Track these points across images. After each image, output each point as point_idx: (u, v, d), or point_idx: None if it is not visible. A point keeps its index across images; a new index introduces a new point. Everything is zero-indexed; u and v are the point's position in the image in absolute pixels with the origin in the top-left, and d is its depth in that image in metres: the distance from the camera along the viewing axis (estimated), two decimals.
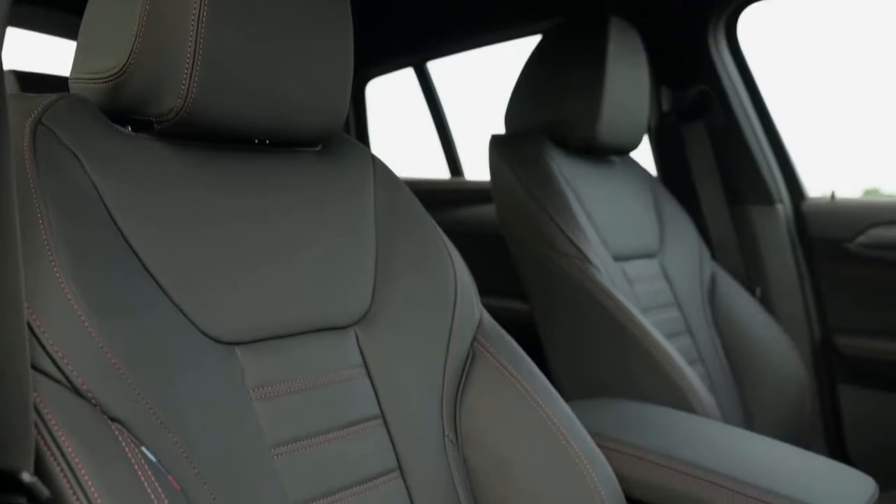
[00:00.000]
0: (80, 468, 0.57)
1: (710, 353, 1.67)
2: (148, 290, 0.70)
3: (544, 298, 1.58)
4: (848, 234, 1.80)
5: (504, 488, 0.88)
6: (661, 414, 1.22)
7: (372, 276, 0.89)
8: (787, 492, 0.94)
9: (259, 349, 0.76)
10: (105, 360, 0.63)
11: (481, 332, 0.96)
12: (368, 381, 0.85)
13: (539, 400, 0.92)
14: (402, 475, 0.83)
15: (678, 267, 1.73)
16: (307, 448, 0.76)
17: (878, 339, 1.79)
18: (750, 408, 1.70)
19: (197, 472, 0.66)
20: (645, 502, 1.02)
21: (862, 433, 1.85)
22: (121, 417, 0.62)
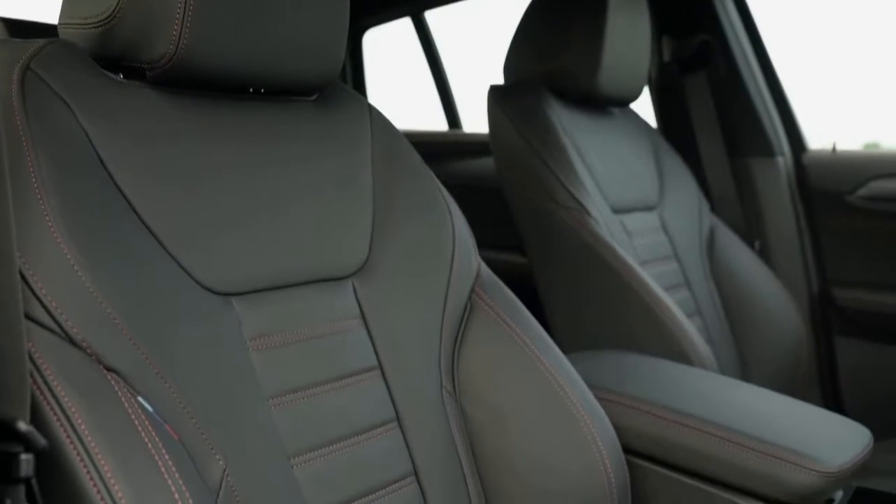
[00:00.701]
0: (77, 418, 0.57)
1: (707, 305, 1.68)
2: (142, 239, 0.69)
3: (543, 251, 1.57)
4: (848, 186, 1.79)
5: (501, 438, 0.88)
6: (659, 365, 1.22)
7: (369, 228, 0.89)
8: (783, 441, 0.94)
9: (256, 300, 0.76)
10: (99, 309, 0.63)
11: (479, 284, 0.95)
12: (366, 332, 0.84)
13: (536, 351, 0.92)
14: (399, 426, 0.83)
15: (677, 220, 1.72)
16: (305, 399, 0.76)
17: (875, 292, 1.80)
18: (746, 360, 1.70)
19: (194, 422, 0.65)
20: (642, 453, 1.03)
21: (857, 385, 1.86)
22: (117, 367, 0.62)
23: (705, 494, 0.97)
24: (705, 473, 0.97)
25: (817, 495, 0.92)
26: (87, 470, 0.56)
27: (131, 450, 0.57)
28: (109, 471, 0.56)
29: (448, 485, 0.84)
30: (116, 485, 0.55)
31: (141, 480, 0.56)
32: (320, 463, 0.74)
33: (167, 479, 0.57)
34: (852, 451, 0.96)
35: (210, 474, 0.65)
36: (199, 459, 0.64)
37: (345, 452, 0.77)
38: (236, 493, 0.66)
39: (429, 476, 0.82)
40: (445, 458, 0.85)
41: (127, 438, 0.58)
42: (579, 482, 0.87)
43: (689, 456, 0.98)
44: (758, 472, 0.93)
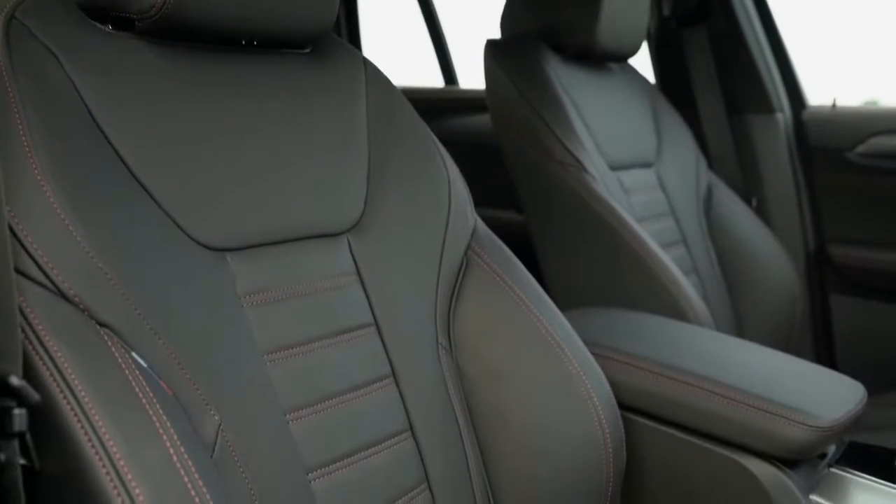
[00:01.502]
0: (70, 373, 0.57)
1: (704, 263, 1.68)
2: (134, 194, 0.68)
3: (539, 208, 1.56)
4: (848, 143, 1.78)
5: (497, 395, 0.89)
6: (655, 322, 1.22)
7: (364, 183, 0.88)
8: (778, 397, 0.95)
9: (250, 256, 0.75)
10: (91, 264, 0.62)
11: (475, 241, 0.95)
12: (361, 288, 0.84)
13: (533, 308, 0.92)
14: (395, 382, 0.83)
15: (675, 177, 1.72)
16: (300, 355, 0.75)
17: (871, 250, 1.80)
18: (742, 317, 1.71)
19: (189, 378, 0.65)
20: (638, 409, 1.03)
21: (851, 342, 1.87)
22: (109, 323, 0.62)
23: (700, 449, 0.98)
24: (700, 429, 0.98)
25: (811, 450, 0.93)
26: (80, 425, 0.55)
27: (125, 405, 0.57)
28: (103, 426, 0.55)
29: (443, 440, 0.84)
30: (111, 439, 0.55)
31: (135, 435, 0.56)
32: (316, 419, 0.74)
33: (161, 434, 0.57)
34: (846, 406, 0.96)
35: (205, 429, 0.65)
36: (194, 415, 0.64)
37: (340, 408, 0.77)
38: (232, 447, 0.66)
39: (424, 432, 0.83)
40: (441, 414, 0.85)
41: (121, 393, 0.58)
42: (575, 437, 0.87)
43: (684, 412, 0.99)
44: (752, 428, 0.93)
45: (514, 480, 0.88)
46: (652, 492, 1.03)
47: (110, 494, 0.54)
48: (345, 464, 0.75)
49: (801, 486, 0.92)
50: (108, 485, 0.54)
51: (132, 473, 0.54)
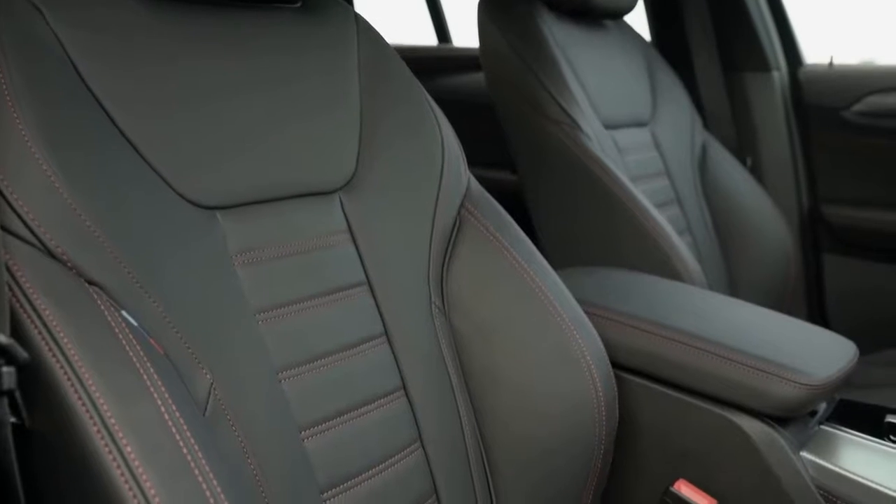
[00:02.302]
0: (59, 331, 0.56)
1: (698, 223, 1.67)
2: (122, 152, 0.67)
3: (533, 167, 1.56)
4: (844, 101, 1.77)
5: (491, 354, 0.89)
6: (648, 281, 1.22)
7: (356, 140, 0.87)
8: (770, 355, 0.95)
9: (241, 214, 0.74)
10: (79, 222, 0.61)
11: (469, 199, 0.94)
12: (353, 247, 0.83)
13: (526, 266, 0.91)
14: (388, 341, 0.82)
15: (669, 136, 1.71)
16: (292, 314, 0.75)
17: (865, 209, 1.80)
18: (735, 276, 1.71)
19: (180, 336, 0.65)
20: (631, 368, 1.03)
21: (843, 302, 1.88)
22: (98, 281, 0.61)
23: (692, 407, 0.98)
24: (692, 387, 0.98)
25: (801, 407, 0.93)
26: (70, 382, 0.55)
27: (115, 363, 0.57)
28: (93, 384, 0.55)
29: (436, 398, 0.84)
30: (101, 397, 0.55)
31: (125, 393, 0.56)
32: (308, 377, 0.74)
33: (152, 393, 0.57)
34: (837, 364, 0.96)
35: (197, 388, 0.64)
36: (186, 374, 0.64)
37: (333, 367, 0.77)
38: (224, 406, 0.66)
39: (417, 390, 0.83)
40: (434, 373, 0.85)
41: (110, 352, 0.57)
42: (568, 396, 0.87)
43: (676, 370, 0.99)
44: (744, 386, 0.94)
45: (506, 438, 0.88)
46: (644, 449, 1.04)
47: (101, 451, 0.54)
48: (338, 422, 0.75)
49: (791, 443, 0.93)
50: (98, 442, 0.54)
51: (122, 430, 0.54)
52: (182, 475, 0.55)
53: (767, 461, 0.93)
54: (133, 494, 0.53)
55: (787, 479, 0.92)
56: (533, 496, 0.88)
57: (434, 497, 0.81)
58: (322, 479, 0.72)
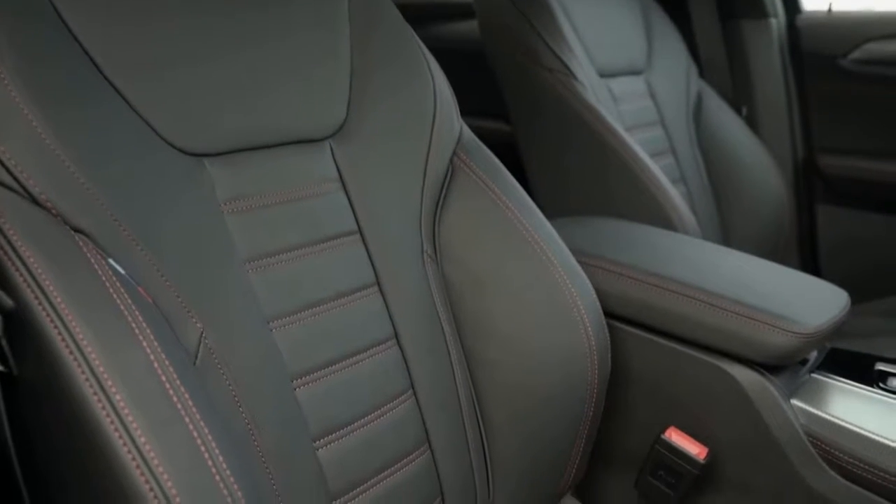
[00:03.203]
0: (44, 279, 0.55)
1: (692, 172, 1.66)
2: (107, 97, 0.66)
3: (527, 116, 1.54)
4: (842, 49, 1.74)
5: (483, 303, 0.88)
6: (642, 231, 1.21)
7: (347, 87, 0.85)
8: (762, 304, 0.95)
9: (230, 161, 0.73)
10: (63, 168, 0.60)
11: (461, 148, 0.93)
12: (345, 195, 0.82)
13: (519, 215, 0.91)
14: (380, 289, 0.82)
15: (664, 85, 1.69)
16: (282, 262, 0.74)
17: (860, 159, 1.79)
18: (729, 226, 1.71)
19: (168, 285, 0.64)
20: (624, 317, 1.03)
21: (836, 252, 1.88)
22: (84, 228, 0.60)
23: (684, 356, 0.99)
24: (684, 336, 0.98)
25: (793, 356, 0.94)
26: (57, 331, 0.54)
27: (101, 310, 0.56)
28: (80, 331, 0.54)
29: (429, 348, 0.84)
30: (89, 346, 0.54)
31: (114, 342, 0.55)
32: (299, 326, 0.74)
33: (141, 341, 0.56)
34: (829, 313, 0.97)
35: (187, 336, 0.64)
36: (175, 322, 0.63)
37: (324, 316, 0.76)
38: (214, 355, 0.65)
39: (409, 339, 0.82)
40: (426, 322, 0.85)
41: (98, 300, 0.56)
42: (560, 345, 0.87)
43: (669, 319, 0.99)
44: (736, 334, 0.94)
45: (498, 387, 0.88)
46: (635, 398, 1.04)
47: (90, 400, 0.53)
48: (329, 371, 0.75)
49: (782, 391, 0.94)
50: (87, 390, 0.53)
51: (111, 379, 0.54)
52: (172, 423, 0.54)
53: (758, 409, 0.94)
54: (123, 442, 0.53)
55: (777, 426, 0.93)
56: (525, 445, 0.88)
57: (426, 445, 0.82)
58: (314, 427, 0.72)
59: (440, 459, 0.82)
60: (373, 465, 0.76)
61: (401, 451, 0.79)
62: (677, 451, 0.97)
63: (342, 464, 0.74)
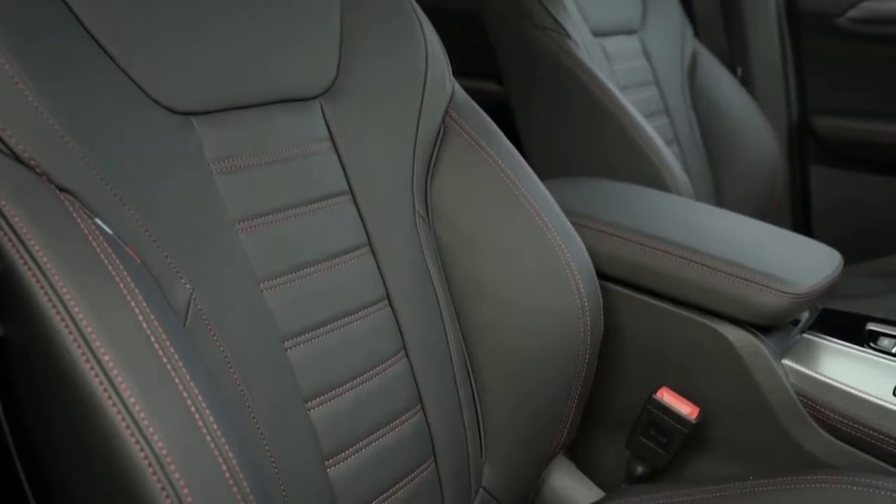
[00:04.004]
0: (30, 239, 0.55)
1: (686, 133, 1.66)
2: (91, 54, 0.64)
3: (520, 76, 1.52)
4: (838, 8, 1.73)
5: (475, 264, 0.88)
6: (635, 192, 1.21)
7: (336, 46, 0.83)
8: (754, 265, 0.95)
9: (218, 120, 0.72)
10: (46, 125, 0.59)
11: (453, 107, 0.92)
12: (335, 155, 0.81)
13: (512, 175, 0.90)
14: (371, 250, 0.81)
15: (659, 45, 1.67)
16: (273, 223, 0.73)
17: (855, 120, 1.78)
18: (722, 188, 1.71)
19: (157, 245, 0.63)
20: (616, 278, 1.03)
21: (828, 214, 1.88)
22: (70, 187, 0.59)
23: (676, 316, 0.99)
24: (677, 296, 0.98)
25: (785, 316, 0.94)
26: (44, 292, 0.54)
27: (89, 271, 0.55)
28: (67, 292, 0.54)
29: (421, 309, 0.83)
30: (76, 306, 0.54)
31: (101, 302, 0.55)
32: (291, 288, 0.73)
33: (129, 301, 0.56)
34: (821, 273, 0.97)
35: (176, 298, 0.63)
36: (165, 283, 0.63)
37: (316, 277, 0.76)
38: (205, 316, 0.65)
39: (401, 301, 0.82)
40: (418, 283, 0.84)
41: (84, 260, 0.56)
42: (553, 308, 0.87)
43: (661, 280, 0.99)
44: (728, 295, 0.94)
45: (491, 348, 0.88)
46: (627, 359, 1.05)
47: (78, 361, 0.53)
48: (321, 332, 0.75)
49: (773, 351, 0.94)
50: (75, 351, 0.53)
51: (100, 340, 0.53)
52: (162, 383, 0.54)
53: (749, 369, 0.94)
54: (112, 403, 0.52)
55: (768, 386, 0.93)
56: (517, 405, 0.89)
57: (419, 406, 0.82)
58: (306, 388, 0.72)
59: (432, 420, 0.83)
60: (365, 425, 0.76)
61: (393, 412, 0.79)
62: (669, 411, 0.97)
63: (334, 424, 0.74)
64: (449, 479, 0.84)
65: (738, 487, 0.87)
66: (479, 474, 0.89)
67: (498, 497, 0.91)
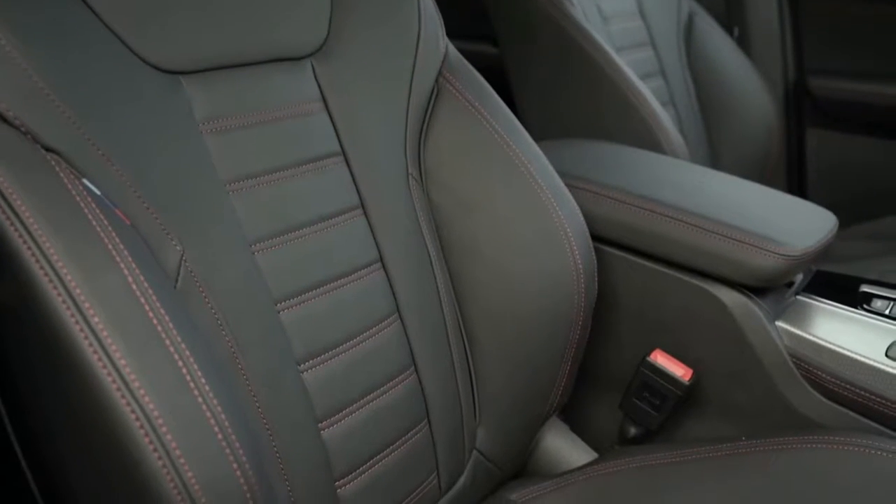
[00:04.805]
0: (15, 199, 0.54)
1: (682, 95, 1.64)
2: (74, 10, 0.63)
3: (514, 36, 1.50)
4: None
5: (469, 226, 0.87)
6: (630, 154, 1.20)
7: (328, 3, 0.82)
8: (749, 226, 0.94)
9: (207, 79, 0.71)
10: (31, 83, 0.57)
11: (447, 67, 0.90)
12: (327, 116, 0.80)
13: (506, 137, 0.89)
14: (364, 212, 0.81)
15: (655, 5, 1.65)
16: (264, 184, 0.72)
17: (851, 81, 1.77)
18: (718, 149, 1.70)
19: (146, 207, 0.62)
20: (610, 240, 1.03)
21: (824, 176, 1.88)
22: (56, 147, 0.58)
23: (670, 278, 0.98)
24: (671, 258, 0.98)
25: (779, 278, 0.93)
26: (31, 252, 0.53)
27: (78, 233, 0.55)
28: (55, 253, 0.53)
29: (414, 271, 0.83)
30: (63, 267, 0.53)
31: (89, 262, 0.54)
32: (283, 250, 0.72)
33: (119, 262, 0.55)
34: (816, 235, 0.96)
35: (167, 259, 0.62)
36: (154, 244, 0.62)
37: (308, 239, 0.75)
38: (196, 278, 0.64)
39: (395, 263, 0.81)
40: (411, 246, 0.84)
41: (72, 221, 0.55)
42: (547, 268, 0.87)
43: (656, 242, 0.98)
44: (723, 257, 0.94)
45: (485, 311, 0.88)
46: (621, 321, 1.05)
47: (68, 323, 0.52)
48: (314, 295, 0.74)
49: (767, 313, 0.94)
50: (64, 313, 0.52)
51: (89, 301, 0.53)
52: (152, 345, 0.54)
53: (743, 331, 0.94)
54: (102, 365, 0.52)
55: (762, 347, 0.93)
56: (511, 368, 0.89)
57: (412, 369, 0.82)
58: (299, 351, 0.72)
59: (426, 383, 0.82)
60: (359, 387, 0.76)
61: (387, 374, 0.79)
62: (662, 373, 0.98)
63: (328, 387, 0.73)
64: (443, 441, 0.84)
65: (731, 448, 0.88)
66: (473, 436, 0.89)
67: (491, 458, 0.91)
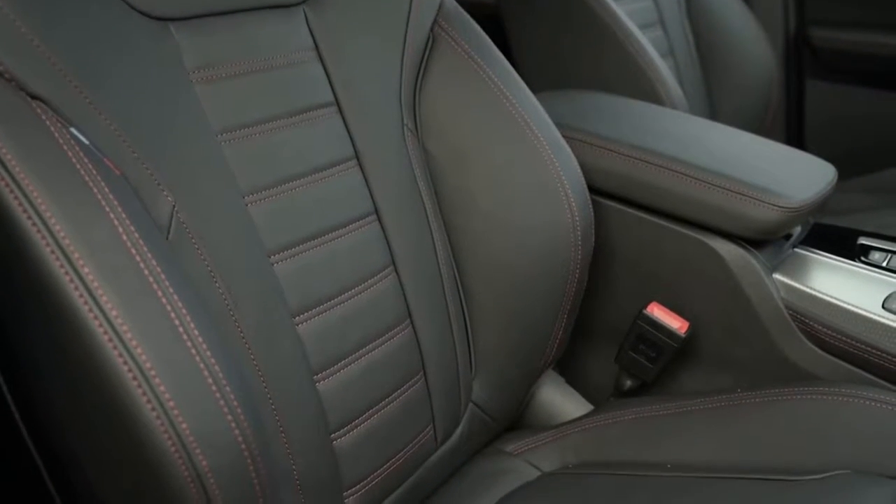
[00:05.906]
0: (1, 147, 0.52)
1: (681, 45, 1.62)
2: None
3: None
4: None
5: (465, 178, 0.86)
6: (628, 105, 1.18)
7: None
8: (747, 178, 0.94)
9: (197, 26, 0.69)
10: (14, 29, 0.56)
11: (442, 16, 0.88)
12: (320, 65, 0.78)
13: (503, 88, 0.88)
14: (359, 164, 0.79)
15: None
16: (256, 135, 0.71)
17: (851, 31, 1.75)
18: (717, 101, 1.68)
19: (136, 156, 0.61)
20: (607, 192, 1.02)
21: (823, 128, 1.86)
22: (42, 94, 0.56)
23: (667, 231, 0.98)
24: (668, 210, 0.97)
25: (777, 230, 0.93)
26: (18, 202, 0.52)
27: (64, 181, 0.53)
28: (42, 203, 0.52)
29: (409, 222, 0.82)
30: (52, 217, 0.52)
31: (78, 213, 0.53)
32: (276, 201, 0.71)
33: (109, 213, 0.54)
34: (815, 188, 0.96)
35: (158, 210, 0.61)
36: (145, 195, 0.61)
37: (302, 191, 0.74)
38: (188, 229, 0.63)
39: (390, 215, 0.80)
40: (407, 198, 0.83)
41: (60, 171, 0.54)
42: (544, 223, 0.86)
43: (653, 194, 0.98)
44: (721, 209, 0.93)
45: (480, 263, 0.87)
46: (618, 273, 1.04)
47: (58, 275, 0.51)
48: (308, 247, 0.73)
49: (764, 266, 0.94)
50: (54, 264, 0.52)
51: (79, 252, 0.52)
52: (143, 295, 0.53)
53: (740, 283, 0.94)
54: (94, 316, 0.51)
55: (758, 300, 0.93)
56: (507, 320, 0.88)
57: (408, 321, 0.81)
58: (293, 303, 0.71)
59: (422, 335, 0.82)
60: (354, 340, 0.76)
61: (382, 327, 0.79)
62: (659, 326, 0.97)
63: (323, 339, 0.73)
64: (438, 393, 0.84)
65: (726, 399, 0.88)
66: (469, 389, 0.89)
67: (487, 411, 0.91)
